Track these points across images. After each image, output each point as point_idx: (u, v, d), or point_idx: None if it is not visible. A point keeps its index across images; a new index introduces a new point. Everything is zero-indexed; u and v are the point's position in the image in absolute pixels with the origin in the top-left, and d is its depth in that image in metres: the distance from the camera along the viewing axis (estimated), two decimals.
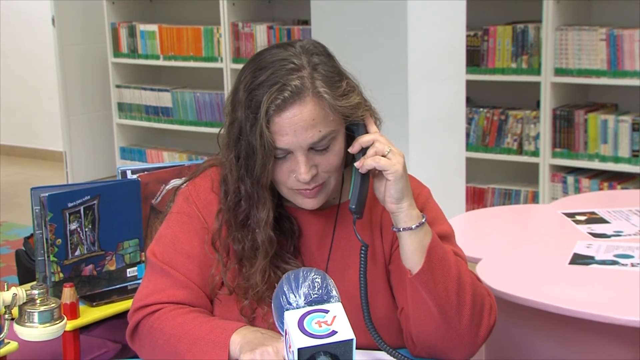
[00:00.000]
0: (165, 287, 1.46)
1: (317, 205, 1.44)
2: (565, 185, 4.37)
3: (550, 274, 2.04)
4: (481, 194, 4.68)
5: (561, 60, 4.27)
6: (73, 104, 5.91)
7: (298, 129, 1.35)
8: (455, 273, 1.40)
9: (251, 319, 1.44)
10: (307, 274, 1.25)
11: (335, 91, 1.37)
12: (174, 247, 1.48)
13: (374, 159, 1.38)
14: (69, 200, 1.90)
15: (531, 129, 4.45)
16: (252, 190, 1.41)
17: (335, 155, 1.40)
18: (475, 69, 4.50)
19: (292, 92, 1.34)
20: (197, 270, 1.47)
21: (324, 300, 1.23)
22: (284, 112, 1.34)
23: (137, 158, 5.91)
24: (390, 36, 2.97)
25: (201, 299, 1.47)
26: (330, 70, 1.39)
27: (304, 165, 1.37)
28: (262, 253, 1.42)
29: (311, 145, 1.37)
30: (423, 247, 1.38)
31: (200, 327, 1.39)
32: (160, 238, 1.51)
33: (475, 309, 1.41)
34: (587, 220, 2.42)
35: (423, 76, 3.03)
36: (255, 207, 1.42)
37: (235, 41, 5.23)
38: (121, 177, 2.08)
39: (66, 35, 5.79)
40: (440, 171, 3.13)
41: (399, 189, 1.37)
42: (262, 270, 1.42)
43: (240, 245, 1.44)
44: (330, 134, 1.37)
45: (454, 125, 3.26)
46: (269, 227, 1.42)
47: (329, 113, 1.36)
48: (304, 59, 1.37)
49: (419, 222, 1.39)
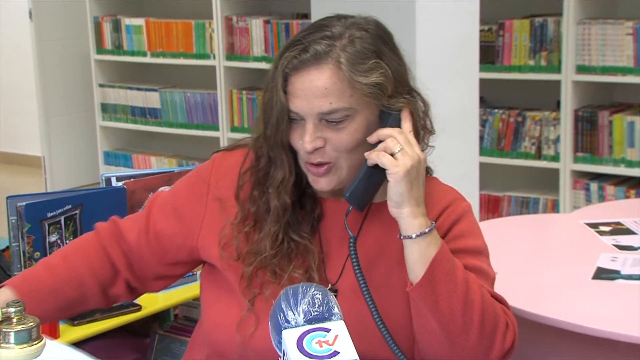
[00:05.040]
0: (133, 220, 1.60)
1: (327, 187, 1.47)
2: (588, 193, 4.37)
3: (572, 290, 2.05)
4: (496, 202, 4.68)
5: (583, 56, 4.28)
6: (52, 104, 5.92)
7: (309, 94, 1.41)
8: (462, 290, 1.41)
9: (250, 295, 1.48)
10: (307, 289, 1.25)
11: (356, 66, 1.42)
12: (172, 196, 1.60)
13: (377, 154, 1.42)
14: (48, 210, 1.91)
15: (551, 132, 4.45)
16: (270, 149, 1.48)
17: (348, 134, 1.43)
18: (489, 67, 4.51)
19: (312, 55, 1.41)
20: (177, 226, 1.56)
21: (325, 318, 1.23)
22: (300, 73, 1.42)
23: (123, 164, 5.92)
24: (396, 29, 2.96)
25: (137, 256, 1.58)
26: (367, 47, 1.44)
27: (309, 134, 1.42)
28: (272, 216, 1.48)
29: (320, 115, 1.42)
30: (426, 258, 1.40)
31: None
32: (172, 187, 1.65)
33: (485, 330, 1.42)
34: (612, 231, 2.42)
35: (432, 74, 3.03)
36: (274, 167, 1.49)
37: (229, 37, 5.24)
38: (105, 184, 2.09)
39: (45, 30, 5.80)
40: (451, 177, 3.12)
41: (399, 192, 1.40)
42: (273, 236, 1.48)
43: (255, 205, 1.51)
44: (344, 110, 1.42)
45: (466, 128, 3.27)
46: (284, 191, 1.48)
47: (345, 88, 1.41)
48: (348, 32, 1.44)
49: (421, 231, 1.41)
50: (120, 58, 5.78)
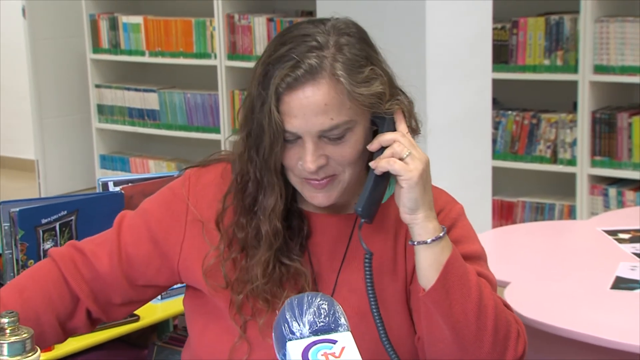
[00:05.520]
0: (99, 244, 1.54)
1: (327, 202, 1.46)
2: (606, 199, 4.37)
3: (589, 300, 2.04)
4: (510, 208, 4.68)
5: (601, 56, 4.27)
6: (46, 105, 5.94)
7: (308, 112, 1.38)
8: (476, 295, 1.41)
9: (241, 321, 1.47)
10: (313, 299, 1.25)
11: (355, 77, 1.39)
12: (143, 215, 1.55)
13: (388, 161, 1.40)
14: (42, 216, 1.91)
15: (567, 135, 4.45)
16: (261, 174, 1.45)
17: (350, 147, 1.42)
18: (502, 66, 4.51)
19: (306, 71, 1.37)
20: (149, 247, 1.52)
21: (332, 329, 1.24)
22: (295, 91, 1.38)
23: (120, 167, 5.93)
24: (405, 28, 2.98)
25: (106, 282, 1.53)
26: (357, 53, 1.42)
27: (311, 154, 1.40)
28: (265, 244, 1.46)
29: (321, 133, 1.40)
30: (439, 263, 1.40)
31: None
32: (142, 204, 1.59)
33: (499, 335, 1.42)
34: (631, 239, 2.42)
35: (443, 75, 3.04)
36: (263, 193, 1.46)
37: (231, 35, 5.25)
38: (102, 189, 2.09)
39: (39, 28, 5.82)
40: (462, 182, 3.14)
41: (413, 198, 1.39)
42: (264, 263, 1.46)
43: (244, 233, 1.48)
44: (345, 124, 1.40)
45: (478, 130, 3.27)
46: (275, 216, 1.45)
47: (345, 101, 1.39)
48: (331, 39, 1.41)
49: (436, 235, 1.41)
50: (117, 57, 5.79)
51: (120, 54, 5.77)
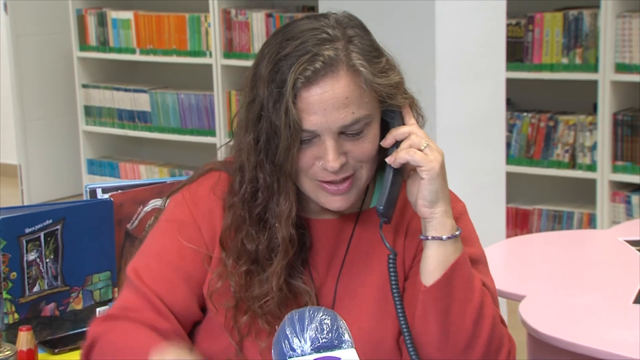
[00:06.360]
0: (140, 308, 1.48)
1: (345, 205, 1.47)
2: (628, 206, 4.37)
3: (610, 315, 2.04)
4: (525, 216, 4.68)
5: (623, 54, 4.28)
6: (30, 107, 5.94)
7: (328, 107, 1.40)
8: (478, 301, 1.44)
9: (238, 338, 1.48)
10: (314, 314, 1.26)
11: (374, 66, 1.43)
12: (160, 259, 1.52)
13: (408, 152, 1.43)
14: (26, 225, 1.91)
15: (586, 138, 4.45)
16: (272, 179, 1.45)
17: (369, 142, 1.45)
18: (517, 65, 4.51)
19: (324, 63, 1.39)
20: (184, 288, 1.50)
21: (335, 346, 1.24)
22: (314, 86, 1.40)
23: (108, 173, 5.94)
24: (414, 24, 2.98)
25: (176, 331, 1.50)
26: (367, 44, 1.45)
27: (333, 152, 1.41)
28: (281, 252, 1.46)
29: (342, 128, 1.41)
30: (448, 262, 1.43)
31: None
32: (144, 251, 1.55)
33: (491, 347, 1.45)
34: None
35: (453, 74, 3.05)
36: (276, 199, 1.46)
37: (227, 32, 5.26)
38: (90, 196, 2.09)
39: (22, 24, 5.83)
40: (474, 188, 3.14)
41: (434, 190, 1.42)
42: (279, 274, 1.46)
43: (254, 245, 1.48)
44: (365, 118, 1.42)
45: (491, 133, 3.27)
46: (291, 222, 1.46)
47: (364, 92, 1.41)
48: (338, 31, 1.43)
49: (452, 233, 1.44)
50: (106, 55, 5.81)
51: (109, 52, 5.78)
